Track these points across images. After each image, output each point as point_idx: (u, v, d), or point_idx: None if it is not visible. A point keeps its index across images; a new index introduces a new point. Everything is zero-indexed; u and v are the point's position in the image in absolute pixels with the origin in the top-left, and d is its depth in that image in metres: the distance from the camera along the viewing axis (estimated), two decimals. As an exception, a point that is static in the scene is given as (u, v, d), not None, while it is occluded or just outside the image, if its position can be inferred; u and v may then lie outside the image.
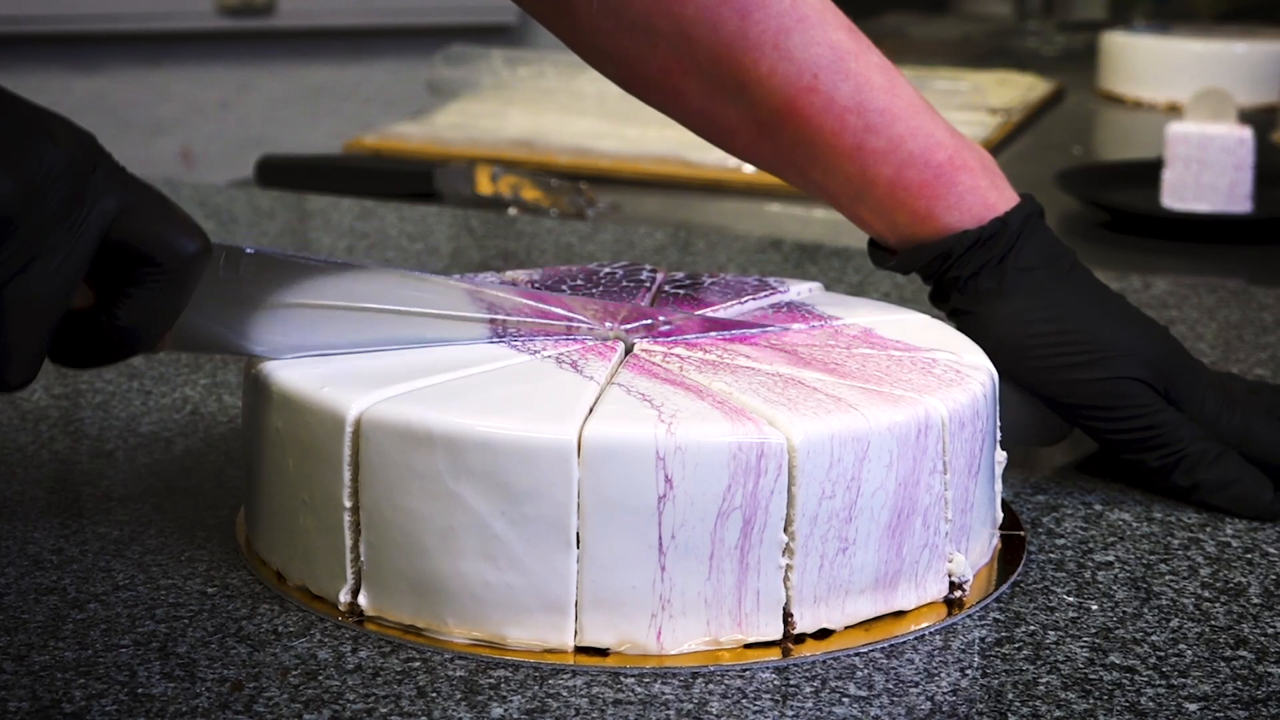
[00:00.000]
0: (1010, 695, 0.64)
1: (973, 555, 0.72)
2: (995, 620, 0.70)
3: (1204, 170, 1.46)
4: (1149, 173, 1.51)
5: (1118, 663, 0.66)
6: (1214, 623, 0.70)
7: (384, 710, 0.62)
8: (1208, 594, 0.73)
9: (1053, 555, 0.76)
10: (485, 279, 0.84)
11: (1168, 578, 0.74)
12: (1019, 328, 0.81)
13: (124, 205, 0.61)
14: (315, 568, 0.70)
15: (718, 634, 0.66)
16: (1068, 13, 3.24)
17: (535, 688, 0.64)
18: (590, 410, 0.66)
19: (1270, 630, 0.69)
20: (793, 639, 0.67)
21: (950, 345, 0.77)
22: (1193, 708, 0.63)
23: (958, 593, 0.71)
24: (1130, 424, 0.81)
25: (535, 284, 0.82)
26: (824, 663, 0.66)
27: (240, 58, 2.88)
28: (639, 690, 0.64)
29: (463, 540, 0.65)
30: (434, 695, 0.63)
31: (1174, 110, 2.00)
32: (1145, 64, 2.13)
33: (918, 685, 0.65)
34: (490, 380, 0.70)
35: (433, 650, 0.66)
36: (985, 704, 0.64)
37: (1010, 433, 0.78)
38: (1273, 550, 0.77)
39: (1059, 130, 1.99)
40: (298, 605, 0.70)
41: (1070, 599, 0.72)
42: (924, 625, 0.69)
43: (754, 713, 0.63)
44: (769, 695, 0.64)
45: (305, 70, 2.92)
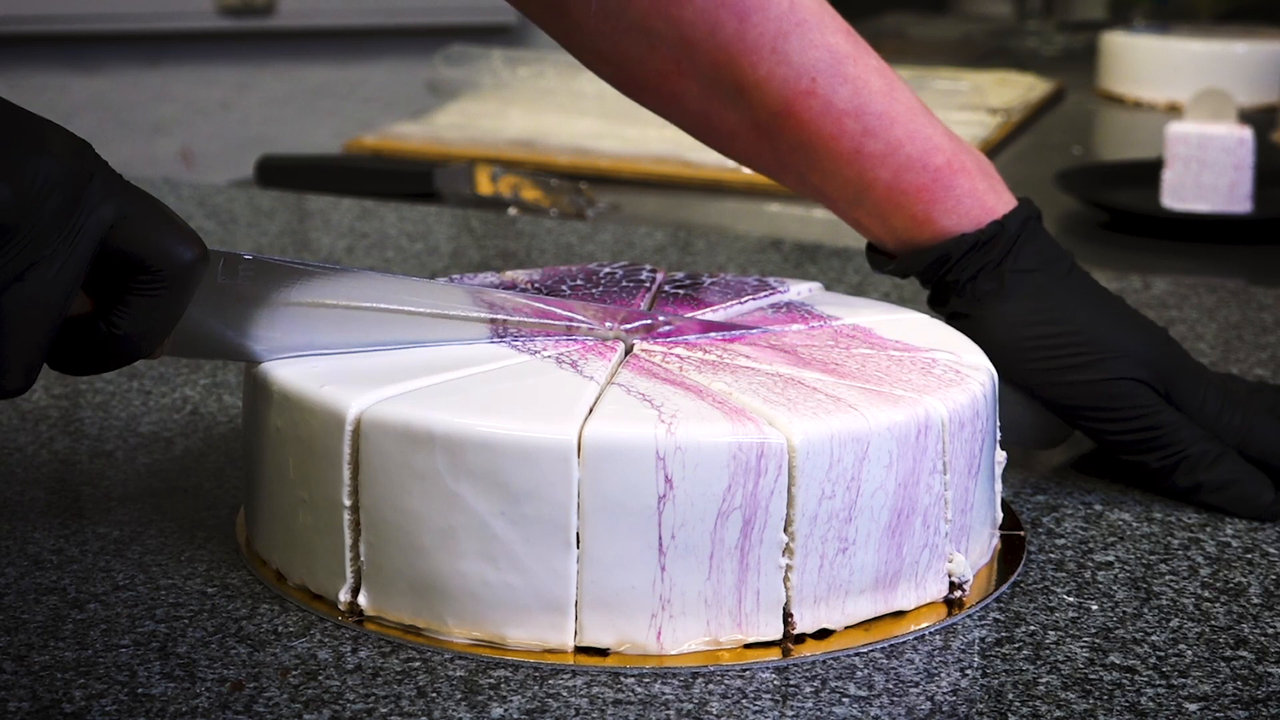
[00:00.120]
0: (1010, 695, 0.64)
1: (973, 555, 0.72)
2: (995, 620, 0.70)
3: (1204, 170, 1.46)
4: (1149, 173, 1.51)
5: (1118, 663, 0.66)
6: (1214, 623, 0.70)
7: (384, 710, 0.62)
8: (1208, 594, 0.73)
9: (1053, 555, 0.76)
10: (485, 279, 0.84)
11: (1168, 578, 0.74)
12: (1018, 330, 0.81)
13: (121, 213, 0.61)
14: (315, 567, 0.70)
15: (718, 634, 0.66)
16: (1068, 13, 3.24)
17: (535, 688, 0.64)
18: (590, 410, 0.66)
19: (1270, 630, 0.69)
20: (793, 639, 0.67)
21: (950, 345, 0.77)
22: (1193, 708, 0.63)
23: (958, 593, 0.71)
24: (1131, 425, 0.81)
25: (535, 284, 0.82)
26: (824, 663, 0.66)
27: (240, 58, 2.88)
28: (639, 690, 0.64)
29: (463, 540, 0.65)
30: (434, 695, 0.63)
31: (1174, 110, 2.00)
32: (1145, 64, 2.13)
33: (918, 685, 0.65)
34: (490, 380, 0.70)
35: (433, 650, 0.66)
36: (985, 704, 0.64)
37: (1010, 436, 0.78)
38: (1273, 550, 0.77)
39: (1059, 130, 1.99)
40: (297, 605, 0.70)
41: (1070, 599, 0.72)
42: (924, 625, 0.69)
43: (754, 713, 0.63)
44: (769, 695, 0.64)
45: (305, 70, 2.92)
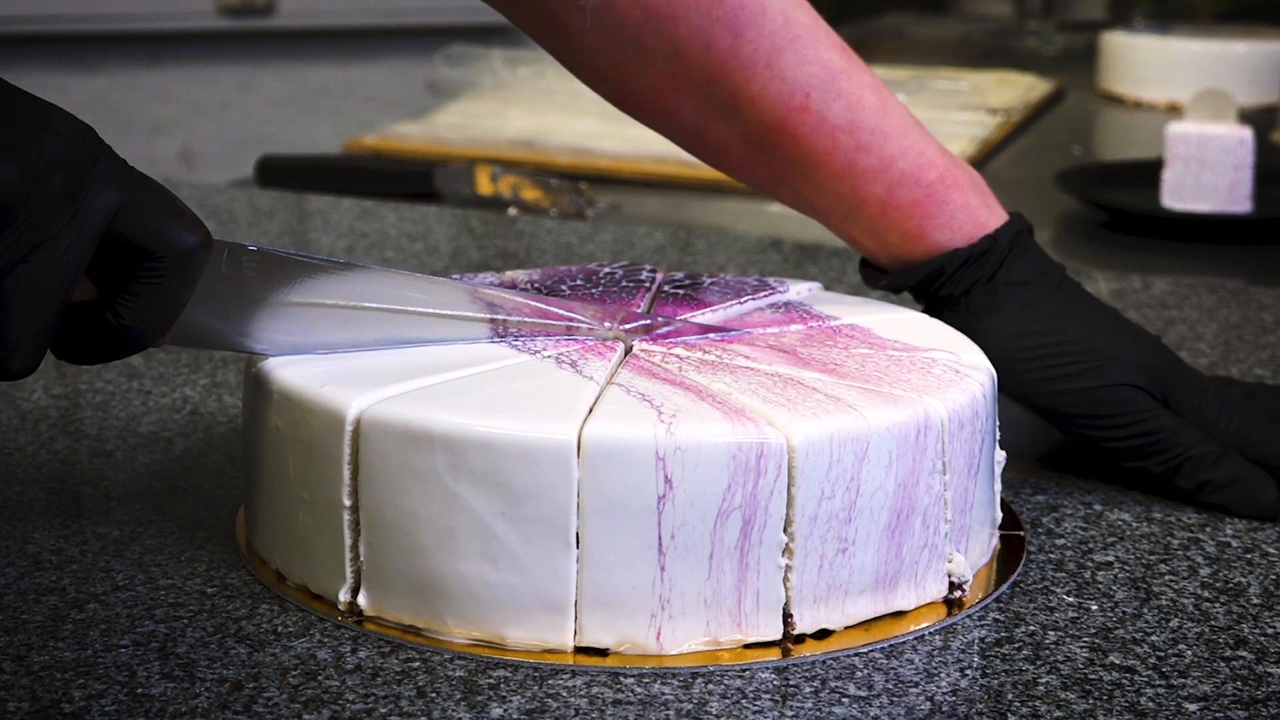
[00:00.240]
0: (1010, 695, 0.64)
1: (972, 555, 0.72)
2: (995, 620, 0.70)
3: (1204, 170, 1.46)
4: (1149, 173, 1.51)
5: (1117, 663, 0.66)
6: (1214, 623, 0.70)
7: (384, 710, 0.62)
8: (1208, 594, 0.73)
9: (1053, 555, 0.76)
10: (485, 279, 0.84)
11: (1168, 578, 0.74)
12: (1012, 341, 0.81)
13: (125, 198, 0.61)
14: (315, 567, 0.69)
15: (717, 634, 0.66)
16: (1068, 13, 3.25)
17: (535, 688, 0.64)
18: (590, 410, 0.66)
19: (1270, 630, 0.69)
20: (792, 639, 0.67)
21: (949, 344, 0.77)
22: (1193, 708, 0.63)
23: (957, 593, 0.71)
24: (1129, 430, 0.81)
25: (535, 284, 0.82)
26: (824, 663, 0.66)
27: (240, 58, 2.88)
28: (639, 690, 0.64)
29: (462, 540, 0.65)
30: (434, 695, 0.63)
31: (1174, 110, 2.00)
32: (1145, 64, 2.13)
33: (918, 685, 0.65)
34: (490, 380, 0.70)
35: (432, 650, 0.66)
36: (985, 704, 0.64)
37: (1008, 449, 0.78)
38: (1273, 550, 0.77)
39: (1059, 130, 1.99)
40: (297, 605, 0.70)
41: (1070, 599, 0.72)
42: (924, 625, 0.69)
43: (754, 713, 0.63)
44: (769, 695, 0.64)
45: (305, 70, 2.92)
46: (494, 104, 1.88)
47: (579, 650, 0.66)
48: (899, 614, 0.69)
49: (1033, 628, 0.69)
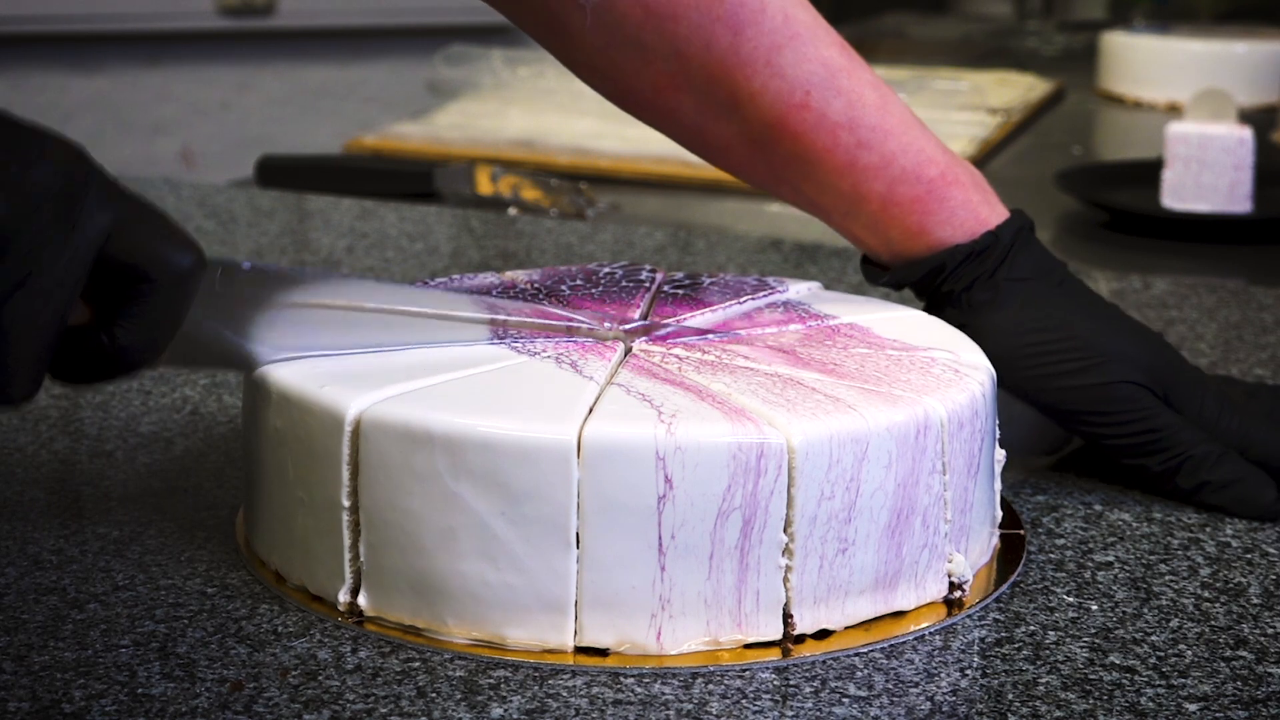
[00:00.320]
0: (1010, 695, 0.64)
1: (972, 555, 0.72)
2: (995, 620, 0.70)
3: (1204, 170, 1.46)
4: (1149, 173, 1.51)
5: (1118, 663, 0.66)
6: (1214, 623, 0.70)
7: (384, 710, 0.62)
8: (1208, 594, 0.73)
9: (1053, 555, 0.76)
10: (485, 279, 0.84)
11: (1168, 578, 0.74)
12: (1014, 338, 0.81)
13: (117, 220, 0.61)
14: (314, 568, 0.69)
15: (718, 634, 0.66)
16: (1068, 13, 3.25)
17: (535, 688, 0.64)
18: (590, 410, 0.66)
19: (1270, 630, 0.69)
20: (792, 639, 0.67)
21: (948, 344, 0.77)
22: (1193, 708, 0.63)
23: (957, 593, 0.71)
24: (1130, 428, 0.81)
25: (535, 284, 0.82)
26: (824, 663, 0.66)
27: (240, 58, 2.88)
28: (639, 690, 0.64)
29: (463, 540, 0.65)
30: (434, 695, 0.63)
31: (1174, 110, 2.00)
32: (1145, 64, 2.13)
33: (918, 685, 0.65)
34: (490, 380, 0.70)
35: (432, 650, 0.66)
36: (985, 704, 0.64)
37: (1009, 444, 0.78)
38: (1273, 550, 0.77)
39: (1059, 130, 1.99)
40: (297, 605, 0.70)
41: (1070, 599, 0.72)
42: (924, 625, 0.69)
43: (754, 713, 0.63)
44: (769, 695, 0.64)
45: (305, 70, 2.92)
46: (494, 104, 1.88)
47: (579, 650, 0.66)
48: (899, 614, 0.69)
49: (1033, 628, 0.69)
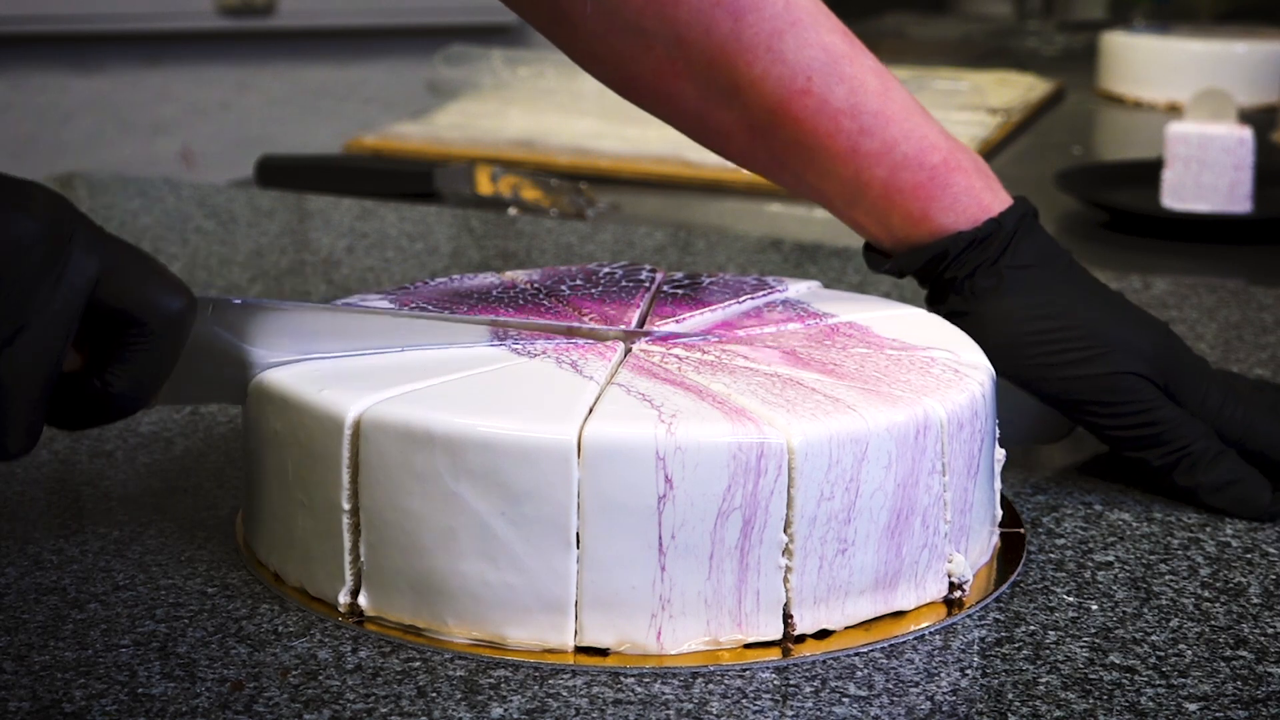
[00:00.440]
0: (1010, 695, 0.64)
1: (972, 555, 0.72)
2: (995, 620, 0.70)
3: (1204, 170, 1.46)
4: (1149, 173, 1.51)
5: (1118, 663, 0.67)
6: (1214, 623, 0.70)
7: (384, 710, 0.62)
8: (1208, 594, 0.73)
9: (1053, 555, 0.76)
10: (485, 279, 0.84)
11: (1168, 578, 0.74)
12: (1017, 325, 0.81)
13: (105, 267, 0.61)
14: (314, 569, 0.69)
15: (718, 634, 0.66)
16: (1068, 13, 3.25)
17: (535, 688, 0.64)
18: (590, 410, 0.66)
19: (1270, 630, 0.69)
20: (793, 639, 0.67)
21: (948, 343, 0.77)
22: (1193, 708, 0.63)
23: (957, 593, 0.71)
24: (1132, 420, 0.80)
25: (535, 284, 0.83)
26: (824, 663, 0.66)
27: (240, 58, 2.88)
28: (639, 690, 0.64)
29: (463, 540, 0.65)
30: (434, 695, 0.63)
31: (1174, 110, 2.00)
32: (1145, 64, 2.13)
33: (918, 685, 0.65)
34: (490, 381, 0.70)
35: (433, 650, 0.66)
36: (985, 704, 0.64)
37: (1011, 432, 0.78)
38: (1273, 550, 0.77)
39: (1059, 130, 1.99)
40: (297, 605, 0.70)
41: (1070, 599, 0.72)
42: (924, 625, 0.69)
43: (754, 713, 0.63)
44: (769, 695, 0.64)
45: (305, 70, 2.92)
46: (494, 104, 1.88)
47: (579, 650, 0.66)
48: (899, 614, 0.69)
49: (1033, 627, 0.69)
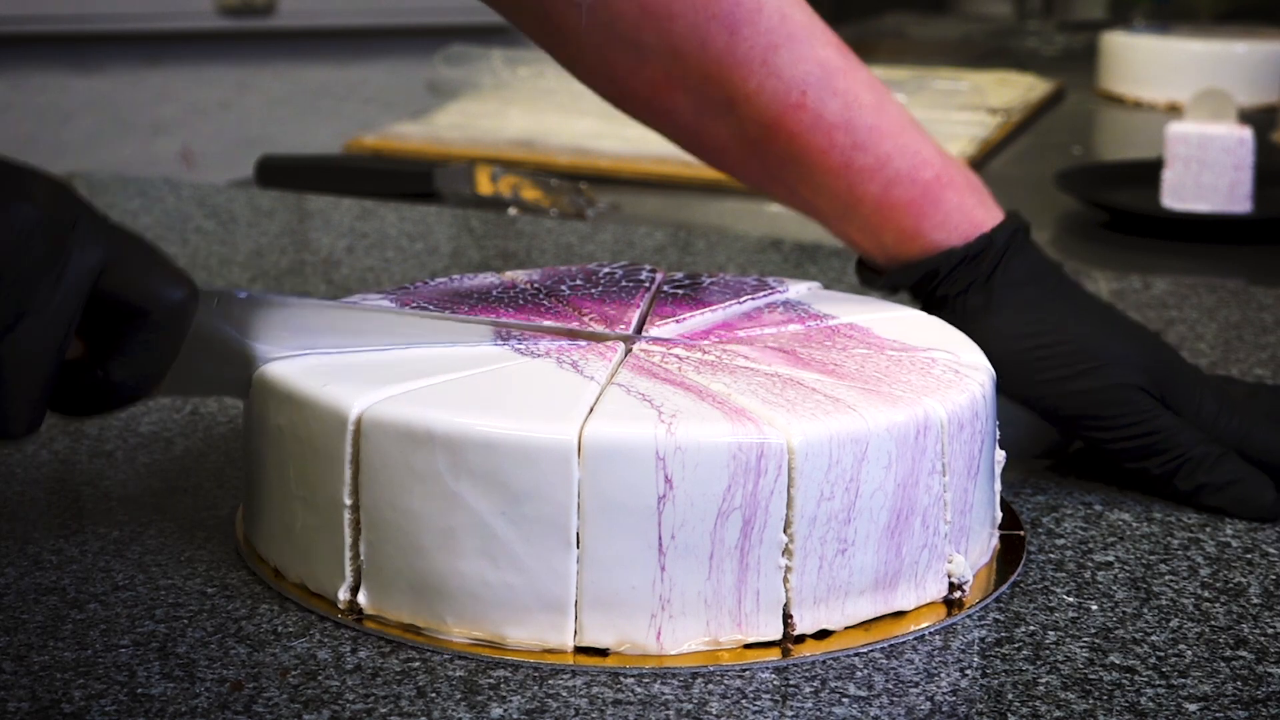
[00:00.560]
0: (1010, 695, 0.64)
1: (972, 555, 0.72)
2: (995, 620, 0.70)
3: (1204, 170, 1.46)
4: (1149, 173, 1.51)
5: (1118, 663, 0.66)
6: (1214, 623, 0.70)
7: (384, 710, 0.62)
8: (1208, 594, 0.73)
9: (1053, 555, 0.76)
10: (485, 279, 0.84)
11: (1168, 578, 0.74)
12: (1010, 342, 0.81)
13: (108, 257, 0.61)
14: (315, 566, 0.69)
15: (717, 634, 0.66)
16: (1068, 13, 3.25)
17: (535, 688, 0.64)
18: (590, 410, 0.66)
19: (1270, 630, 0.69)
20: (792, 639, 0.67)
21: (948, 344, 0.77)
22: (1193, 708, 0.63)
23: (957, 593, 0.71)
24: (1129, 431, 0.81)
25: (535, 284, 0.83)
26: (824, 663, 0.66)
27: (240, 58, 2.88)
28: (639, 690, 0.64)
29: (463, 540, 0.65)
30: (434, 695, 0.63)
31: (1174, 110, 2.00)
32: (1145, 64, 2.13)
33: (918, 685, 0.65)
34: (491, 380, 0.70)
35: (432, 650, 0.66)
36: (985, 704, 0.64)
37: (1007, 446, 0.78)
38: (1273, 550, 0.77)
39: (1059, 130, 1.99)
40: (297, 605, 0.70)
41: (1070, 599, 0.72)
42: (924, 625, 0.69)
43: (754, 713, 0.63)
44: (769, 695, 0.64)
45: (305, 70, 2.92)
46: (494, 104, 1.88)
47: (579, 650, 0.66)
48: (899, 614, 0.69)
49: (1033, 628, 0.69)
